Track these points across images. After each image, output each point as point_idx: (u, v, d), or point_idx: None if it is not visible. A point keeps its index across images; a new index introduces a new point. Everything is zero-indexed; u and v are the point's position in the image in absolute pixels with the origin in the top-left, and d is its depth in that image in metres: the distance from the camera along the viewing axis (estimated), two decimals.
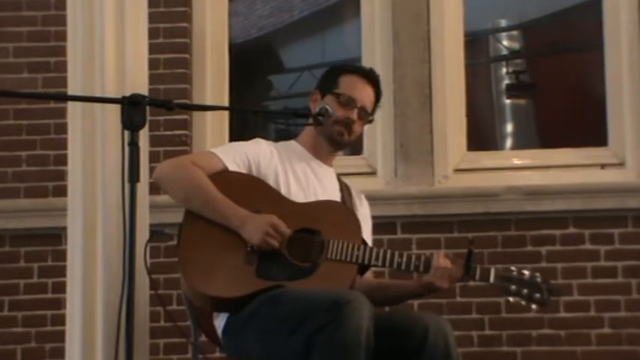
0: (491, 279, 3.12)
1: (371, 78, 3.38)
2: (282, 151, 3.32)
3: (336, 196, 3.33)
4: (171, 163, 3.26)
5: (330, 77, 3.37)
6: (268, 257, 3.08)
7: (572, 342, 4.25)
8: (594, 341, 4.24)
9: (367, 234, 3.36)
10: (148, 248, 3.13)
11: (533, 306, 3.13)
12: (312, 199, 3.25)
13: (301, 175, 3.28)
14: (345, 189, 3.40)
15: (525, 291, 3.12)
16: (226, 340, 3.13)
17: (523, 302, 3.13)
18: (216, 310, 3.14)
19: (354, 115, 3.30)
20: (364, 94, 3.33)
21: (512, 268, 3.15)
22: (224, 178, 3.18)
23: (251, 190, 3.19)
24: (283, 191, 3.22)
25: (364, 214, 3.40)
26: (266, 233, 3.06)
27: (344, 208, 3.28)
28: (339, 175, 3.44)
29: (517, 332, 4.27)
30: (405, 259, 3.10)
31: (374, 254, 3.11)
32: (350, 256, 3.09)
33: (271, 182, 3.23)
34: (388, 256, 3.11)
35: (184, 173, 3.17)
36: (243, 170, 3.23)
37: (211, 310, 3.16)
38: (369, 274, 3.33)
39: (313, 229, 3.14)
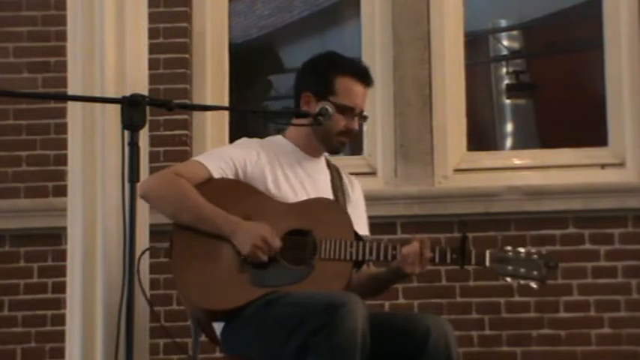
0: (487, 262, 3.09)
1: (365, 77, 3.28)
2: (269, 149, 3.27)
3: (327, 188, 3.29)
4: (155, 178, 3.21)
5: (323, 79, 3.25)
6: (262, 264, 3.05)
7: (572, 342, 4.24)
8: (594, 341, 4.24)
9: (361, 217, 3.33)
10: (145, 259, 3.13)
11: (533, 284, 3.08)
12: (302, 196, 3.21)
13: (290, 174, 3.24)
14: (336, 176, 3.35)
15: (522, 270, 3.08)
16: (225, 343, 3.12)
17: (522, 282, 3.09)
18: (214, 320, 3.12)
19: (356, 124, 3.26)
20: (361, 96, 3.27)
21: (508, 248, 3.12)
22: (210, 187, 3.14)
23: (239, 195, 3.15)
24: (273, 191, 3.18)
25: (356, 197, 3.37)
26: (255, 246, 3.03)
27: (334, 205, 3.24)
28: (328, 160, 3.38)
29: (517, 332, 4.27)
30: (399, 250, 3.07)
31: (367, 249, 3.08)
32: (344, 254, 3.07)
33: (260, 184, 3.19)
34: (382, 249, 3.08)
35: (170, 188, 3.13)
36: (230, 176, 3.18)
37: (209, 320, 3.13)
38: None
39: (305, 230, 3.11)
